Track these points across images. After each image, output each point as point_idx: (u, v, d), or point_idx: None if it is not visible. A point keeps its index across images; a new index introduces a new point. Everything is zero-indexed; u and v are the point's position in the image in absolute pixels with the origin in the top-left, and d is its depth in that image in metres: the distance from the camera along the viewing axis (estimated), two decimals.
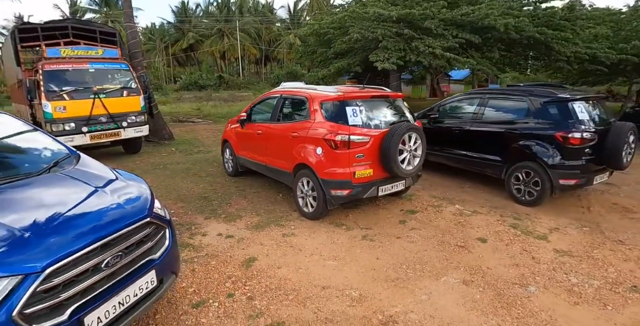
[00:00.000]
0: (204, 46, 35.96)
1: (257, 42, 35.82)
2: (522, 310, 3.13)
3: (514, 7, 9.40)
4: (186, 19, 38.40)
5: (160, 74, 32.22)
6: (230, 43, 35.28)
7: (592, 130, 5.23)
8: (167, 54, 36.22)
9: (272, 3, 41.78)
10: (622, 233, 4.74)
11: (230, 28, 35.46)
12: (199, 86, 30.50)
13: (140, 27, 40.77)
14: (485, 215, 5.30)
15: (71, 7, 33.33)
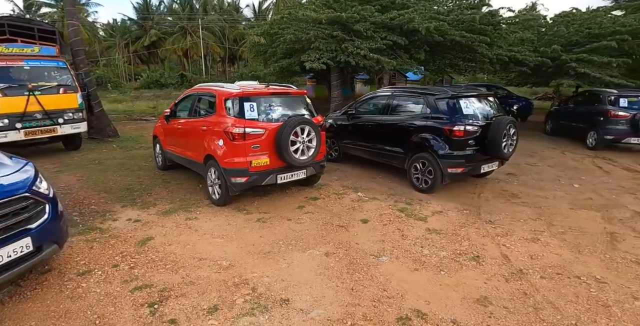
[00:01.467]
0: (166, 44, 35.71)
1: (221, 40, 35.87)
2: (364, 274, 3.66)
3: (441, 12, 10.10)
4: (148, 16, 37.98)
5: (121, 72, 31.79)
6: (193, 41, 35.22)
7: (476, 124, 5.88)
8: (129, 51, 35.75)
9: (238, 2, 41.62)
10: (497, 215, 5.37)
11: (193, 26, 35.38)
12: (160, 84, 30.40)
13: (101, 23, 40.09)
14: (381, 201, 5.86)
15: (25, 1, 32.38)
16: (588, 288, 3.49)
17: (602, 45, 10.89)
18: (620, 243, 4.52)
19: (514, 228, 4.91)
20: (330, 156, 8.29)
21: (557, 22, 12.98)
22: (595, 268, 3.89)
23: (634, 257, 4.14)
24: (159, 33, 36.42)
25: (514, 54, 10.54)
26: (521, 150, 9.80)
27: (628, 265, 3.97)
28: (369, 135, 7.29)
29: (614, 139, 9.59)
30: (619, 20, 11.56)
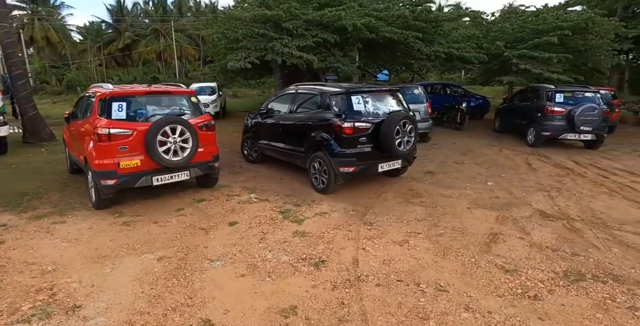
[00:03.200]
0: (139, 46, 35.24)
1: (196, 42, 35.46)
2: (182, 280, 3.39)
3: (378, 9, 9.87)
4: (122, 18, 37.49)
5: (93, 75, 31.33)
6: (167, 43, 34.79)
7: (368, 121, 5.61)
8: (103, 54, 35.27)
9: (216, 3, 41.23)
10: (383, 216, 5.08)
11: (167, 28, 34.94)
12: None
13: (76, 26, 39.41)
14: (271, 202, 5.57)
15: None
16: (419, 297, 3.20)
17: (544, 41, 10.72)
18: (498, 245, 4.26)
19: (391, 230, 4.63)
20: (251, 157, 8.04)
21: (503, 18, 12.82)
22: (448, 274, 3.61)
23: (501, 261, 3.87)
24: (133, 35, 35.94)
25: (452, 51, 10.33)
26: (460, 148, 9.64)
27: (488, 270, 3.69)
28: (276, 135, 7.02)
29: (551, 135, 9.37)
30: (562, 16, 11.41)
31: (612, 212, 5.38)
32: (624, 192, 6.32)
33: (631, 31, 13.86)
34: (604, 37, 11.48)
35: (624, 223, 4.96)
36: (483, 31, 12.43)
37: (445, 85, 15.86)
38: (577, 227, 4.82)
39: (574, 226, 4.83)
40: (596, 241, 4.40)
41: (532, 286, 3.38)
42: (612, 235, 4.58)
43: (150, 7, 40.21)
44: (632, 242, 4.41)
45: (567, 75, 11.46)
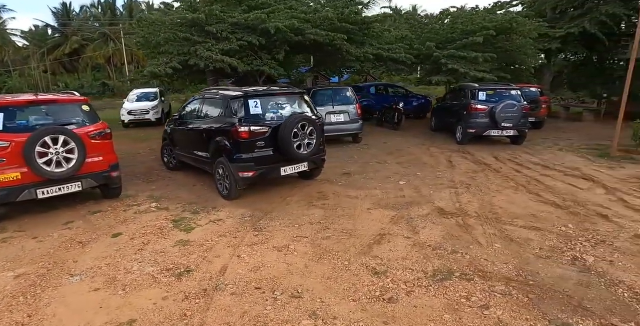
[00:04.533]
0: (87, 51, 33.92)
1: None
2: (30, 298, 3.23)
3: (306, 11, 9.83)
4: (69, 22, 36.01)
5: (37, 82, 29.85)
6: (117, 48, 33.65)
7: (265, 124, 5.51)
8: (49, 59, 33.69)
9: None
10: (279, 220, 4.98)
11: (117, 32, 33.82)
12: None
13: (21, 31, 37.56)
14: (169, 211, 5.37)
15: None
16: (268, 305, 3.09)
17: (471, 42, 11.01)
18: (381, 246, 4.22)
19: (279, 235, 4.54)
20: (171, 165, 7.78)
21: (435, 20, 13.11)
22: (313, 280, 3.54)
23: (375, 263, 3.83)
24: (81, 40, 34.55)
25: (381, 52, 10.44)
26: (389, 147, 9.71)
27: (356, 274, 3.63)
28: (187, 142, 6.84)
29: (476, 133, 9.59)
30: (488, 16, 11.76)
31: (511, 206, 5.51)
32: (531, 186, 6.50)
33: (559, 31, 14.53)
34: (527, 37, 11.92)
35: (517, 218, 5.08)
36: (417, 32, 12.65)
37: (388, 86, 16.08)
38: (469, 223, 4.88)
39: (467, 222, 4.89)
40: (482, 237, 4.46)
41: (393, 289, 3.35)
42: (500, 230, 4.66)
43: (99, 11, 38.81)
44: (518, 236, 4.50)
45: (496, 74, 11.80)
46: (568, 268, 3.75)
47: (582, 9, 14.46)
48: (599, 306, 3.09)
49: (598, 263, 3.83)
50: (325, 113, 9.52)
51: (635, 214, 5.21)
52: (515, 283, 3.47)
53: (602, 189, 6.30)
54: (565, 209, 5.38)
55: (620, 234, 4.54)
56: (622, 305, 3.12)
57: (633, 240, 4.37)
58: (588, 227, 4.77)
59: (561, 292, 3.30)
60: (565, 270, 3.70)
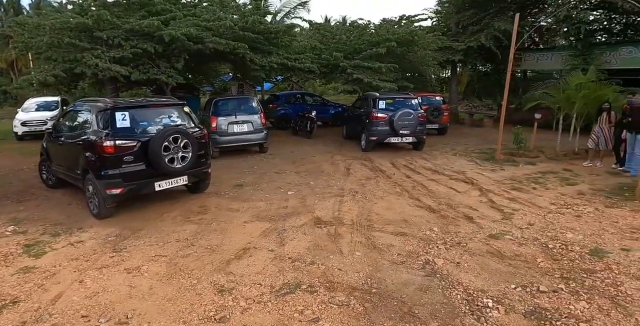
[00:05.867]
0: None
1: None
2: None
3: (210, 19, 9.57)
4: None
5: None
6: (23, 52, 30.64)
7: (132, 138, 5.20)
8: None
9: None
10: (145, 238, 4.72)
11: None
12: None
13: None
14: (25, 235, 4.91)
15: None
16: None
17: (375, 52, 11.42)
18: (240, 261, 4.10)
19: (138, 254, 4.26)
20: (50, 181, 7.10)
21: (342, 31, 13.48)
22: (151, 302, 3.32)
23: (226, 280, 3.69)
24: None
25: (286, 61, 10.50)
26: (294, 156, 9.67)
27: (200, 293, 3.47)
28: (61, 156, 6.30)
29: (377, 140, 9.90)
30: (392, 29, 12.31)
31: (388, 212, 5.66)
32: (415, 190, 6.76)
33: (460, 45, 15.61)
34: (426, 48, 12.63)
35: (389, 223, 5.22)
36: (327, 43, 12.91)
37: (304, 94, 16.22)
38: (340, 232, 4.92)
39: (339, 231, 4.93)
40: (346, 246, 4.50)
41: (230, 307, 3.24)
42: (368, 238, 4.74)
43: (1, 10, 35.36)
44: (382, 242, 4.60)
45: (401, 84, 12.33)
46: (416, 272, 3.88)
47: (479, 25, 15.60)
48: (426, 310, 3.20)
49: (445, 266, 4.01)
50: (228, 123, 9.33)
51: (497, 214, 5.59)
52: (358, 292, 3.50)
53: (478, 191, 6.73)
54: (437, 212, 5.64)
55: (477, 235, 4.82)
56: (448, 307, 3.25)
57: (486, 240, 4.66)
58: (451, 229, 5.02)
59: (398, 299, 3.38)
60: (412, 275, 3.81)
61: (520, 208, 5.78)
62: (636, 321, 3.04)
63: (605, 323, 3.02)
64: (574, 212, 5.64)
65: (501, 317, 3.11)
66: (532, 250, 4.35)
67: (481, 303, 3.30)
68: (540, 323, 3.02)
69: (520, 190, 6.79)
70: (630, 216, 5.45)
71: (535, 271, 3.87)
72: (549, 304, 3.29)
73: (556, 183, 7.20)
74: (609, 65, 13.99)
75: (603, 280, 3.66)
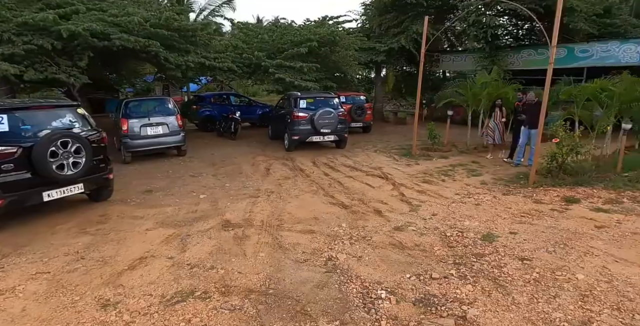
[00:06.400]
0: None
1: None
2: None
3: (118, 15, 8.95)
4: None
5: None
6: None
7: (12, 144, 4.66)
8: None
9: None
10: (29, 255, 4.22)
11: None
12: None
13: None
14: None
15: None
16: None
17: (297, 52, 11.43)
18: (132, 272, 3.81)
19: (16, 273, 3.81)
20: None
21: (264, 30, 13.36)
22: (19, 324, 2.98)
23: (113, 293, 3.42)
24: None
25: (203, 61, 10.15)
26: (215, 158, 9.35)
27: (79, 310, 3.17)
28: None
29: (299, 139, 9.90)
30: (313, 29, 12.40)
31: (300, 211, 5.62)
32: (331, 188, 6.81)
33: (383, 46, 16.17)
34: (347, 49, 12.90)
35: (300, 222, 5.17)
36: (251, 42, 12.68)
37: (230, 94, 15.84)
38: (248, 233, 4.79)
39: (246, 233, 4.79)
40: (251, 247, 4.39)
41: (112, 322, 2.99)
42: (275, 238, 4.66)
43: None
44: (289, 242, 4.54)
45: (324, 83, 12.47)
46: (317, 269, 3.86)
47: (400, 27, 16.25)
48: (319, 307, 3.18)
49: (347, 261, 4.04)
50: (140, 125, 8.79)
51: (405, 206, 5.79)
52: (254, 294, 3.41)
53: (391, 185, 6.94)
54: (349, 208, 5.71)
55: (383, 228, 4.93)
56: (342, 302, 3.26)
57: (390, 232, 4.78)
58: (359, 224, 5.10)
59: (294, 298, 3.33)
60: (313, 273, 3.79)
61: (427, 200, 6.04)
62: (513, 299, 3.26)
63: (486, 303, 3.20)
64: (474, 200, 6.01)
65: (392, 307, 3.18)
66: (432, 239, 4.54)
67: (375, 295, 3.35)
68: (427, 310, 3.13)
69: (430, 182, 7.12)
70: (522, 201, 5.93)
71: (431, 260, 4.03)
72: (438, 290, 3.42)
73: (463, 175, 7.65)
74: (513, 66, 15.31)
75: (490, 263, 3.91)
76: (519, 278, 3.58)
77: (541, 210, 5.49)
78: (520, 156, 8.36)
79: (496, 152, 9.20)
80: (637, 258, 3.99)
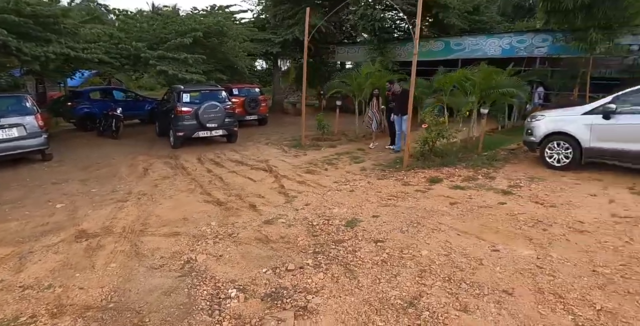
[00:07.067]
0: None
1: None
2: None
3: None
4: None
5: None
6: None
7: None
8: None
9: None
10: None
11: None
12: None
13: None
14: None
15: None
16: None
17: (180, 43, 10.78)
18: None
19: None
20: None
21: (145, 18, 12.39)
22: None
23: None
24: None
25: (67, 51, 9.10)
26: (88, 161, 8.51)
27: None
28: None
29: (185, 135, 9.41)
30: (199, 19, 11.81)
31: (170, 212, 5.32)
32: (210, 185, 6.56)
33: (278, 38, 16.07)
34: (236, 40, 12.55)
35: (166, 225, 4.89)
36: (130, 31, 11.65)
37: (113, 89, 14.55)
38: (103, 243, 4.39)
39: (101, 243, 4.39)
40: (104, 258, 4.02)
41: None
42: (134, 245, 4.34)
43: None
44: (149, 247, 4.26)
45: (213, 76, 11.98)
46: (170, 274, 3.65)
47: (294, 19, 16.24)
48: (158, 317, 3.00)
49: (206, 261, 3.89)
50: None
51: (282, 198, 5.79)
52: (92, 311, 3.11)
53: (273, 178, 6.91)
54: (223, 205, 5.54)
55: (253, 223, 4.86)
56: (184, 309, 3.11)
57: (259, 227, 4.73)
58: (230, 221, 4.97)
59: (135, 310, 3.10)
60: (165, 279, 3.58)
61: (305, 190, 6.12)
62: (358, 282, 3.39)
63: (332, 290, 3.29)
64: (350, 187, 6.23)
65: (238, 306, 3.11)
66: (298, 230, 4.58)
67: (224, 295, 3.26)
68: (273, 304, 3.12)
69: (313, 172, 7.23)
70: (393, 185, 6.29)
71: (292, 251, 4.05)
72: (290, 282, 3.44)
73: (346, 163, 7.91)
74: (400, 57, 16.24)
75: (347, 249, 4.04)
76: (369, 261, 3.75)
77: (407, 192, 5.88)
78: (399, 142, 8.90)
79: (381, 140, 9.67)
80: (477, 230, 4.44)
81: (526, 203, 5.30)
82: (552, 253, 3.83)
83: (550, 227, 4.48)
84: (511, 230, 4.41)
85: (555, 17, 11.56)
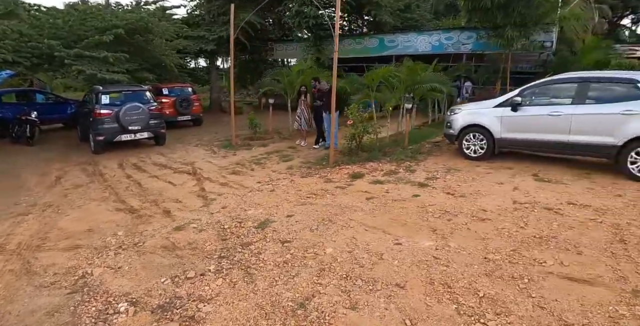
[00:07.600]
0: None
1: None
2: None
3: None
4: None
5: None
6: None
7: None
8: None
9: None
10: None
11: None
12: None
13: None
14: None
15: None
16: None
17: (98, 40, 10.16)
18: None
19: None
20: None
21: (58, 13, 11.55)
22: None
23: None
24: None
25: None
26: None
27: None
28: None
29: (106, 139, 8.90)
30: (121, 14, 11.19)
31: (76, 224, 5.00)
32: (126, 192, 6.28)
33: (212, 35, 15.64)
34: (162, 37, 12.06)
35: (68, 238, 4.60)
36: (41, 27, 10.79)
37: (31, 91, 13.49)
38: None
39: None
40: None
41: None
42: (27, 262, 4.05)
43: None
44: (43, 264, 3.99)
45: (139, 75, 11.43)
46: (60, 292, 3.42)
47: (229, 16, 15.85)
48: None
49: (102, 275, 3.68)
50: None
51: (199, 202, 5.64)
52: None
53: (195, 181, 6.71)
54: (136, 213, 5.30)
55: (163, 230, 4.68)
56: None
57: (168, 234, 4.54)
58: (140, 229, 4.76)
59: None
60: (52, 297, 3.35)
61: (226, 192, 6.00)
62: (255, 286, 3.35)
63: (226, 296, 3.22)
64: (271, 187, 6.18)
65: (126, 321, 2.97)
66: (208, 235, 4.46)
67: (113, 310, 3.10)
68: (162, 316, 3.01)
69: (238, 173, 7.11)
70: (315, 182, 6.31)
71: (197, 257, 3.94)
72: (186, 291, 3.33)
73: (274, 162, 7.86)
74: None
75: (252, 251, 3.99)
76: (271, 263, 3.72)
77: (327, 189, 5.92)
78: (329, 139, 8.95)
79: (310, 137, 9.68)
80: (385, 224, 4.54)
81: (438, 194, 5.52)
82: (451, 243, 4.00)
83: (455, 217, 4.68)
84: (418, 222, 4.56)
85: (477, 15, 12.19)
